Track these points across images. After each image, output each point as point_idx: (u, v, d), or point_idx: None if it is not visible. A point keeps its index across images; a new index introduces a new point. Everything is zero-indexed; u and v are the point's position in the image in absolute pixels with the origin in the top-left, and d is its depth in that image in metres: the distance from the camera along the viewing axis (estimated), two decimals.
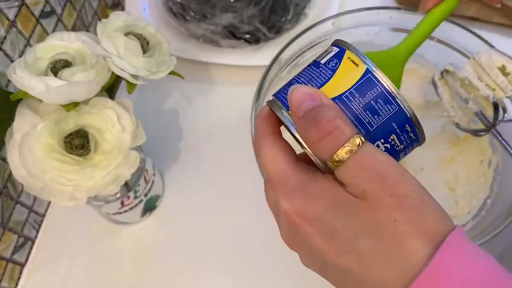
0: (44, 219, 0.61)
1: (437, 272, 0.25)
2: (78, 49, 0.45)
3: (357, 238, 0.27)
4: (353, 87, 0.30)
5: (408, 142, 0.31)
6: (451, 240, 0.26)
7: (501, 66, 0.47)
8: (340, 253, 0.28)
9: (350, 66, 0.30)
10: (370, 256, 0.27)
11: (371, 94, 0.30)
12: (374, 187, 0.27)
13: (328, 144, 0.27)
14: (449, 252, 0.25)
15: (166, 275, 0.56)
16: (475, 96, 0.48)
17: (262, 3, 0.63)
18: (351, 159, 0.27)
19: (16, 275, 0.56)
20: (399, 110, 0.30)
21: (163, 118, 0.66)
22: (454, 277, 0.25)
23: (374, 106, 0.29)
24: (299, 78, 0.32)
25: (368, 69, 0.30)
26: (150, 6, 0.72)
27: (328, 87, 0.30)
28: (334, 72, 0.31)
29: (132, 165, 0.46)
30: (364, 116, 0.30)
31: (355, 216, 0.27)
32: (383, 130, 0.30)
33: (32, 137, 0.42)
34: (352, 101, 0.30)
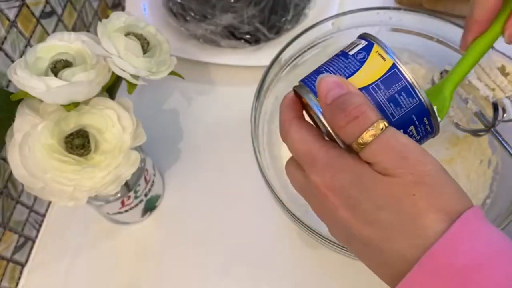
0: (44, 219, 0.61)
1: (450, 244, 0.27)
2: (79, 49, 0.45)
3: (379, 210, 0.29)
4: (379, 79, 0.32)
5: (424, 133, 0.33)
6: (465, 217, 0.27)
7: (500, 67, 0.47)
8: (363, 224, 0.29)
9: (377, 59, 0.33)
10: (389, 228, 0.29)
11: (396, 87, 0.32)
12: (395, 165, 0.29)
13: (354, 128, 0.29)
14: (462, 227, 0.27)
15: (167, 275, 0.56)
16: (475, 96, 0.48)
17: (262, 3, 0.63)
18: (375, 140, 0.29)
19: (16, 275, 0.57)
20: (419, 104, 0.32)
21: (163, 118, 0.66)
22: (466, 248, 0.27)
23: (398, 98, 0.32)
24: (328, 67, 0.33)
25: (395, 63, 0.32)
26: (150, 6, 0.72)
27: (356, 78, 0.32)
28: (362, 64, 0.33)
29: (132, 165, 0.46)
30: (387, 107, 0.32)
31: (377, 189, 0.29)
32: (403, 121, 0.32)
33: (32, 137, 0.42)
34: (378, 92, 0.32)
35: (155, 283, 0.56)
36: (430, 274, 0.27)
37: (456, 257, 0.26)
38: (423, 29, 0.55)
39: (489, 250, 0.27)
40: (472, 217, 0.28)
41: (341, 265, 0.54)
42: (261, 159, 0.50)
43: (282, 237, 0.57)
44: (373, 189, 0.29)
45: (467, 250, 0.27)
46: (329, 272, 0.54)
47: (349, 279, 0.54)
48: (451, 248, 0.27)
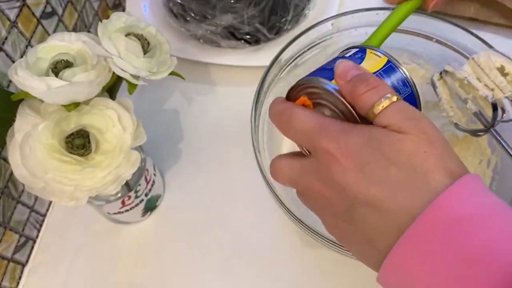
0: (45, 218, 0.61)
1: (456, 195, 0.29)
2: (79, 50, 0.45)
3: (390, 166, 0.30)
4: (380, 70, 0.36)
5: None
6: (469, 177, 0.30)
7: (500, 67, 0.47)
8: (372, 184, 0.30)
9: (374, 57, 0.37)
10: (398, 184, 0.30)
11: (394, 77, 0.36)
12: (409, 125, 0.31)
13: (372, 95, 0.32)
14: (467, 183, 0.29)
15: (167, 275, 0.56)
16: (474, 96, 0.48)
17: (262, 4, 0.63)
18: (391, 105, 0.32)
19: (17, 275, 0.57)
20: (411, 93, 0.36)
21: (164, 118, 0.66)
22: (471, 200, 0.29)
23: (397, 86, 0.36)
24: (331, 64, 0.36)
25: (389, 60, 0.36)
26: (150, 7, 0.72)
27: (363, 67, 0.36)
28: (361, 61, 0.37)
29: (132, 165, 0.46)
30: None
31: (390, 145, 0.31)
32: None
33: (33, 137, 0.42)
34: (383, 78, 0.35)
35: (155, 282, 0.56)
36: (435, 223, 0.28)
37: (462, 207, 0.28)
38: (422, 29, 0.55)
39: (493, 203, 0.29)
40: (475, 179, 0.30)
41: (341, 265, 0.54)
42: (261, 159, 0.50)
43: (282, 237, 0.57)
44: (386, 144, 0.31)
45: (472, 201, 0.28)
46: (328, 272, 0.55)
47: (348, 279, 0.54)
48: (457, 199, 0.28)
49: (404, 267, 0.29)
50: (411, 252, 0.29)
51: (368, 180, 0.31)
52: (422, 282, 0.28)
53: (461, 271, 0.27)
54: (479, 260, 0.27)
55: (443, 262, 0.28)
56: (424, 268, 0.28)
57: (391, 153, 0.30)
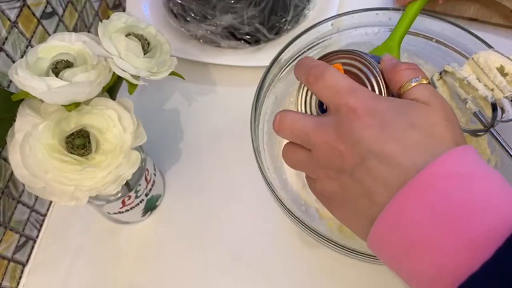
0: (45, 218, 0.61)
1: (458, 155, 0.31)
2: (79, 50, 0.46)
3: (412, 128, 0.33)
4: None
5: None
6: (471, 147, 0.33)
7: (499, 67, 0.47)
8: (390, 140, 0.33)
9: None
10: (416, 144, 0.32)
11: None
12: (436, 101, 0.35)
13: (411, 73, 0.36)
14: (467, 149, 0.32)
15: (167, 275, 0.56)
16: (474, 96, 0.48)
17: (262, 4, 0.63)
18: (421, 85, 0.36)
19: (17, 275, 0.57)
20: None
21: (164, 118, 0.67)
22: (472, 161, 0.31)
23: None
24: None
25: None
26: (150, 7, 0.72)
27: None
28: None
29: (133, 165, 0.46)
30: None
31: (417, 111, 0.34)
32: None
33: (33, 137, 0.42)
34: None
35: (155, 282, 0.56)
36: (436, 176, 0.30)
37: (462, 165, 0.30)
38: (422, 30, 0.55)
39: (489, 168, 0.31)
40: (476, 151, 0.33)
41: (341, 265, 0.54)
42: (261, 159, 0.50)
43: (282, 237, 0.57)
44: (414, 111, 0.34)
45: (472, 162, 0.31)
46: (329, 272, 0.55)
47: (349, 279, 0.54)
48: (459, 159, 0.31)
49: (401, 216, 0.30)
50: (411, 201, 0.30)
51: (387, 137, 0.33)
52: (417, 232, 0.29)
53: (457, 223, 0.28)
54: (475, 211, 0.28)
55: (440, 213, 0.29)
56: (420, 217, 0.29)
57: (417, 118, 0.33)
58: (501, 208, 0.28)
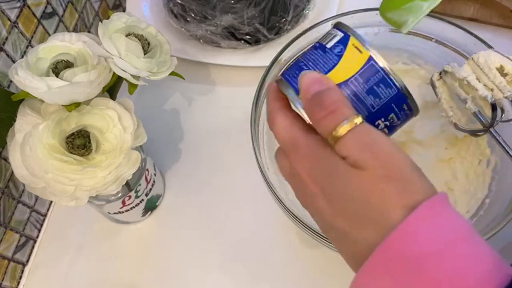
0: (45, 218, 0.61)
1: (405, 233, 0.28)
2: (80, 50, 0.46)
3: (348, 201, 0.30)
4: (357, 73, 0.33)
5: (405, 117, 0.35)
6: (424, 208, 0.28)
7: (499, 67, 0.47)
8: (336, 215, 0.31)
9: (354, 52, 0.33)
10: (358, 218, 0.30)
11: (374, 79, 0.33)
12: (366, 157, 0.30)
13: (330, 121, 0.31)
14: (419, 216, 0.28)
15: (167, 274, 0.56)
16: (474, 96, 0.48)
17: (262, 4, 0.63)
18: (348, 134, 0.30)
19: (17, 274, 0.57)
20: (397, 93, 0.33)
21: (164, 118, 0.67)
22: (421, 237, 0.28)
23: (376, 90, 0.33)
24: (307, 62, 0.35)
25: (371, 56, 0.33)
26: (151, 7, 0.72)
27: (335, 73, 0.33)
28: (339, 58, 0.33)
29: (133, 165, 0.46)
30: (366, 99, 0.33)
31: (348, 182, 0.30)
32: (383, 110, 0.33)
33: (33, 137, 0.42)
34: (357, 86, 0.33)
35: (155, 282, 0.56)
36: (385, 261, 0.28)
37: (410, 245, 0.28)
38: (422, 30, 0.55)
39: (443, 239, 0.28)
40: (432, 208, 0.29)
41: (341, 265, 0.54)
42: (261, 159, 0.50)
43: (282, 237, 0.57)
44: (344, 181, 0.30)
45: (421, 238, 0.28)
46: (329, 272, 0.55)
47: (349, 279, 0.54)
48: (405, 237, 0.28)
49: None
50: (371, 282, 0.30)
51: (334, 209, 0.31)
52: None
53: None
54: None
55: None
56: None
57: (350, 189, 0.30)
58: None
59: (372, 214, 0.29)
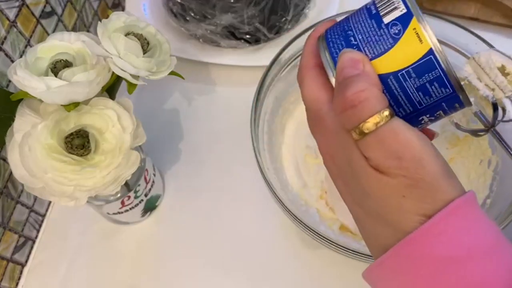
0: (44, 219, 0.61)
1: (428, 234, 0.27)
2: (79, 49, 0.45)
3: (366, 196, 0.29)
4: (412, 65, 0.28)
5: (454, 112, 0.31)
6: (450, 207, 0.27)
7: (500, 67, 0.47)
8: (354, 203, 0.30)
9: (413, 39, 0.28)
10: (373, 214, 0.29)
11: (429, 76, 0.28)
12: (389, 165, 0.27)
13: (353, 115, 0.27)
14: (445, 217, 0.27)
15: (167, 275, 0.56)
16: (475, 96, 0.48)
17: (262, 3, 0.63)
18: (372, 135, 0.27)
19: (16, 275, 0.57)
20: (452, 94, 0.29)
21: (164, 118, 0.66)
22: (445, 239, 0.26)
23: (428, 87, 0.29)
24: (356, 32, 0.30)
25: (432, 49, 0.28)
26: (150, 6, 0.72)
27: (385, 59, 0.29)
28: (395, 42, 0.29)
29: (132, 165, 0.46)
30: (415, 95, 0.29)
31: (367, 181, 0.28)
32: (431, 108, 0.30)
33: (32, 137, 0.42)
34: (407, 81, 0.29)
35: (155, 283, 0.56)
36: (404, 260, 0.27)
37: (433, 248, 0.26)
38: None
39: (468, 245, 0.26)
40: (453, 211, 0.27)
41: (341, 265, 0.54)
42: (261, 159, 0.50)
43: (282, 237, 0.57)
44: (362, 179, 0.29)
45: (445, 241, 0.26)
46: (329, 272, 0.54)
47: (349, 279, 0.54)
48: (428, 238, 0.26)
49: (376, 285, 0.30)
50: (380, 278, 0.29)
51: (351, 197, 0.30)
52: None
53: None
54: None
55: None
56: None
57: (368, 188, 0.28)
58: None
59: (388, 217, 0.28)
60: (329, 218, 0.55)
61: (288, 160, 0.58)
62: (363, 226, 0.31)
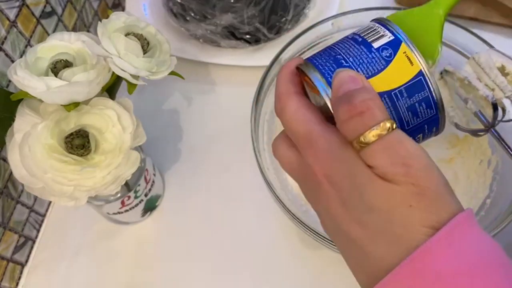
0: (44, 219, 0.61)
1: (431, 250, 0.26)
2: (79, 50, 0.45)
3: (370, 212, 0.27)
4: (403, 85, 0.30)
5: (428, 137, 0.33)
6: (452, 224, 0.26)
7: (500, 66, 0.47)
8: (353, 222, 0.28)
9: (404, 62, 0.30)
10: (377, 231, 0.27)
11: (418, 96, 0.30)
12: (396, 172, 0.27)
13: (357, 124, 0.27)
14: (446, 235, 0.26)
15: (167, 275, 0.56)
16: (474, 96, 0.48)
17: (262, 3, 0.63)
18: (378, 142, 0.27)
19: (16, 275, 0.57)
20: (435, 116, 0.31)
21: (164, 118, 0.66)
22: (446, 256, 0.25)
23: (417, 108, 0.30)
24: (347, 56, 0.31)
25: (422, 71, 0.30)
26: (150, 6, 0.72)
27: (379, 79, 0.30)
28: (387, 64, 0.30)
29: (132, 165, 0.46)
30: (405, 115, 0.30)
31: (372, 192, 0.27)
32: (415, 130, 0.31)
33: (32, 137, 0.42)
34: (400, 100, 0.30)
35: (155, 282, 0.56)
36: (407, 279, 0.26)
37: (434, 264, 0.25)
38: None
39: (470, 260, 0.26)
40: (459, 225, 0.27)
41: (341, 265, 0.54)
42: (261, 159, 0.50)
43: (282, 237, 0.57)
44: (367, 191, 0.27)
45: (447, 258, 0.26)
46: (329, 272, 0.54)
47: (349, 279, 0.54)
48: (430, 255, 0.26)
49: None
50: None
51: (349, 217, 0.28)
52: None
53: None
54: None
55: None
56: None
57: (372, 200, 0.27)
58: None
59: (394, 230, 0.27)
60: None
61: None
62: (360, 251, 0.29)
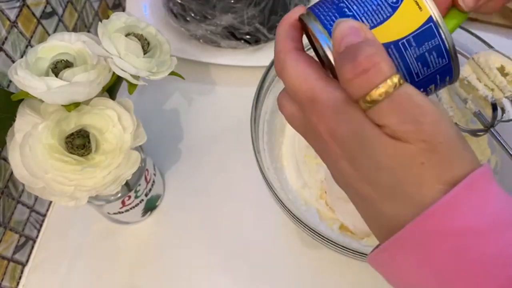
0: (45, 218, 0.61)
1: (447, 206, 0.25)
2: (79, 50, 0.45)
3: (379, 171, 0.26)
4: (412, 34, 0.28)
5: (442, 87, 0.30)
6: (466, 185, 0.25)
7: (499, 67, 0.47)
8: (362, 181, 0.27)
9: (412, 7, 0.28)
10: (388, 191, 0.27)
11: (428, 45, 0.28)
12: (406, 130, 0.25)
13: (362, 82, 0.25)
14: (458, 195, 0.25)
15: (167, 275, 0.56)
16: (474, 96, 0.48)
17: (262, 4, 0.63)
18: (386, 100, 0.25)
19: (17, 275, 0.57)
20: (447, 65, 0.29)
21: (164, 118, 0.66)
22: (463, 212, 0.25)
23: (427, 57, 0.28)
24: (351, 4, 0.29)
25: (432, 17, 0.27)
26: (150, 7, 0.72)
27: (384, 28, 0.28)
28: (394, 10, 0.28)
29: (133, 165, 0.46)
30: (414, 66, 0.28)
31: (382, 151, 0.26)
32: (427, 81, 0.29)
33: (33, 137, 0.42)
34: (408, 50, 0.28)
35: (155, 282, 0.56)
36: (422, 234, 0.26)
37: (452, 220, 0.25)
38: None
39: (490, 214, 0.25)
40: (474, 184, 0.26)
41: (341, 265, 0.54)
42: (261, 159, 0.50)
43: (282, 237, 0.57)
44: (377, 150, 0.26)
45: (463, 215, 0.25)
46: (329, 272, 0.55)
47: (349, 279, 0.54)
48: (446, 212, 0.25)
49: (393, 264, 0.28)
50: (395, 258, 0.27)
51: (359, 175, 0.27)
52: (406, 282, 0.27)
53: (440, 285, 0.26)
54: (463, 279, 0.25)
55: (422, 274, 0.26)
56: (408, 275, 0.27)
57: (382, 158, 0.26)
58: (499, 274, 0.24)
59: (407, 188, 0.26)
60: (329, 218, 0.55)
61: (288, 160, 0.58)
62: (372, 207, 0.28)
